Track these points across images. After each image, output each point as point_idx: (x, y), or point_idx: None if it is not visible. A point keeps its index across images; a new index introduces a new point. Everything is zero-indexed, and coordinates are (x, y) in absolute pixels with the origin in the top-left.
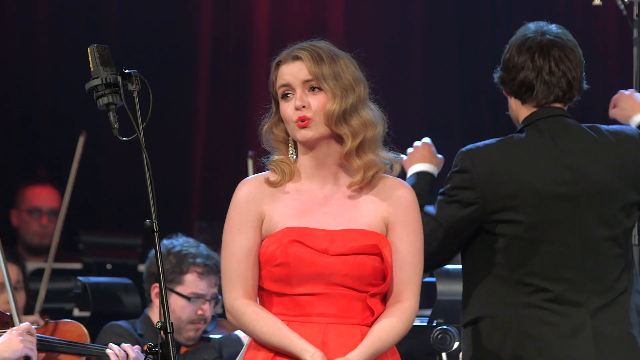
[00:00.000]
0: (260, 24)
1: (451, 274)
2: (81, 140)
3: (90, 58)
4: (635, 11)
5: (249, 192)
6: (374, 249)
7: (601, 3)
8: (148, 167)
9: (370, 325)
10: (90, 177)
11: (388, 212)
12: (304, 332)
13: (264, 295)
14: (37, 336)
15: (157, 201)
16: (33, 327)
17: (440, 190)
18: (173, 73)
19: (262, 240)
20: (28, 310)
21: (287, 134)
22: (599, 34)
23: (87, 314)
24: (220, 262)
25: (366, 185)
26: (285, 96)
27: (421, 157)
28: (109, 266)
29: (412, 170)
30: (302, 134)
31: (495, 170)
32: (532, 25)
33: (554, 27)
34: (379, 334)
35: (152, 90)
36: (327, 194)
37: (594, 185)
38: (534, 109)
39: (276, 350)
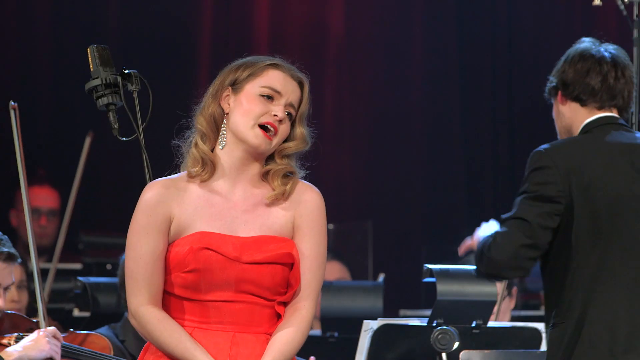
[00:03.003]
0: (260, 24)
1: (451, 274)
2: (87, 141)
3: (90, 58)
4: (635, 11)
5: (158, 194)
6: (288, 257)
7: (601, 3)
8: (148, 167)
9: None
10: (90, 177)
11: (296, 216)
12: (213, 341)
13: (171, 300)
14: (63, 343)
15: None
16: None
17: (520, 190)
18: (173, 73)
19: (169, 243)
20: (31, 311)
21: (221, 121)
22: (599, 34)
23: (87, 314)
24: (125, 264)
25: None
26: (266, 97)
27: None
28: (109, 266)
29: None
30: (261, 141)
31: (574, 167)
32: (587, 39)
33: (609, 44)
34: (279, 347)
35: (152, 91)
36: (238, 198)
37: None
38: (595, 110)
39: None
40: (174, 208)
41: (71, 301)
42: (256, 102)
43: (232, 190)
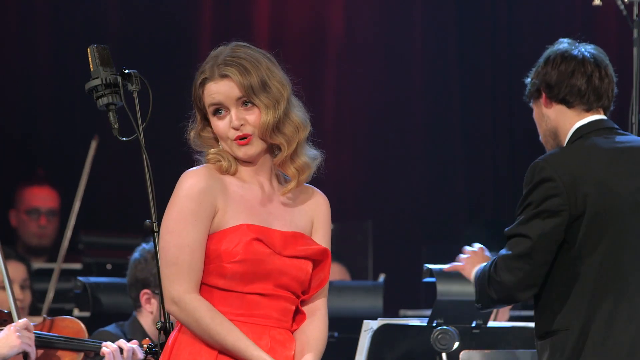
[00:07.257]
0: (260, 24)
1: (451, 274)
2: (93, 145)
3: (90, 58)
4: (635, 11)
5: (204, 182)
6: (323, 254)
7: (601, 3)
8: (148, 167)
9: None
10: (90, 177)
11: (314, 217)
12: (252, 333)
13: (207, 290)
14: (35, 332)
15: (157, 201)
16: (31, 324)
17: (522, 207)
18: (173, 73)
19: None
20: (34, 310)
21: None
22: (599, 34)
23: (87, 314)
24: (165, 250)
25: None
26: (217, 112)
27: (481, 260)
28: (109, 266)
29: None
30: (244, 152)
31: (577, 176)
32: (565, 40)
33: (587, 44)
34: (317, 345)
35: (152, 91)
36: (266, 194)
37: None
38: (583, 113)
39: (220, 349)
40: (219, 199)
41: (71, 301)
42: (216, 124)
43: (260, 188)
